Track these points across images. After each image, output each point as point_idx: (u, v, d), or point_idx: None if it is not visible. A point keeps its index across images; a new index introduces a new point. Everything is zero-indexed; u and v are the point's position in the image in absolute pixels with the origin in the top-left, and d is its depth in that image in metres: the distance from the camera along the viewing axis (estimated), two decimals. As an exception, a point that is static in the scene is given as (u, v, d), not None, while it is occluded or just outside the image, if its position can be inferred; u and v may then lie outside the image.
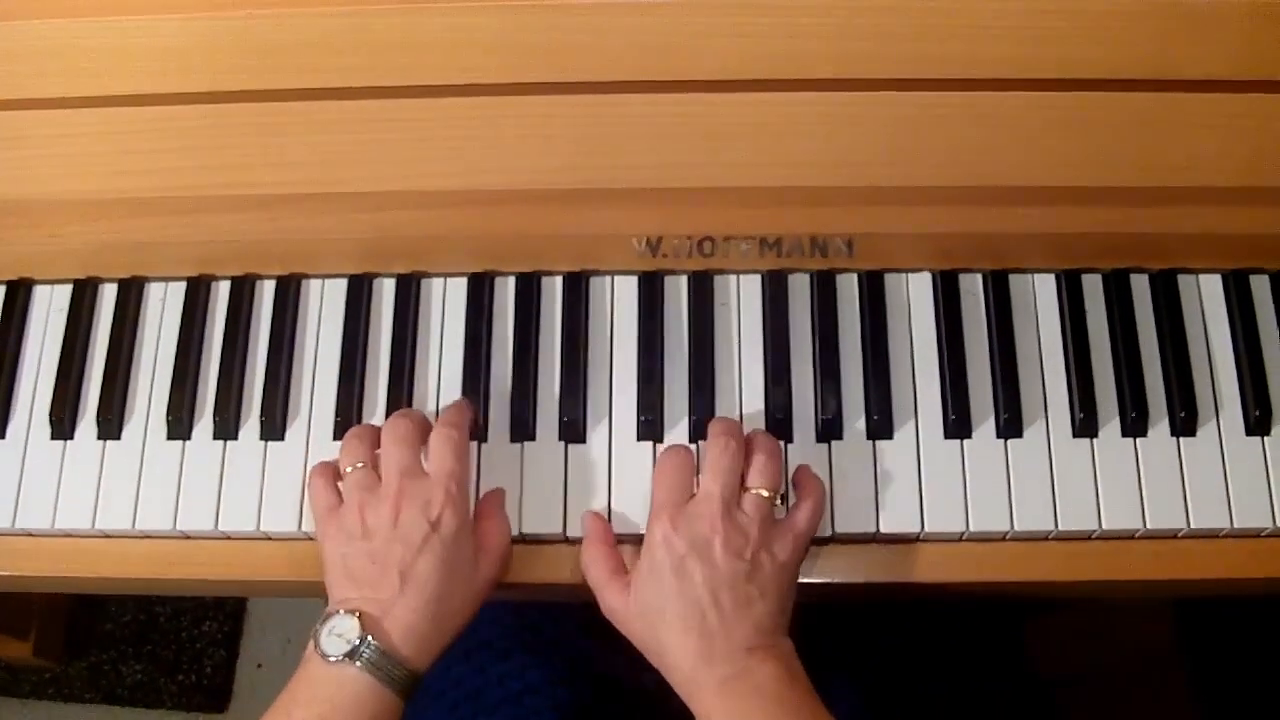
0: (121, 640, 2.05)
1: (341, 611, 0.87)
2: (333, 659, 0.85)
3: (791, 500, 0.95)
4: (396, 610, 0.88)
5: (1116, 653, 1.73)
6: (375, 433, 0.96)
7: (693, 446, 0.97)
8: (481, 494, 0.98)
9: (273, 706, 0.87)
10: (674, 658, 0.87)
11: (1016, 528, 0.96)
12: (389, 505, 0.90)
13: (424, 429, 0.95)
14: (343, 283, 1.06)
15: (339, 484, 0.95)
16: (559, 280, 1.05)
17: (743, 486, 0.91)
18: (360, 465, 0.94)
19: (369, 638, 0.86)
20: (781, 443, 0.98)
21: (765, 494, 0.91)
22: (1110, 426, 0.99)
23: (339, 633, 0.86)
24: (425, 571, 0.88)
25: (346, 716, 0.85)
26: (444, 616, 0.90)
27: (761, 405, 1.00)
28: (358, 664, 0.85)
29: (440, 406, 1.02)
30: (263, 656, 2.07)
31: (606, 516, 0.97)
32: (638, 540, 0.94)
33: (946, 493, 0.97)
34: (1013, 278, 1.03)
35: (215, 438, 1.02)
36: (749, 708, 0.85)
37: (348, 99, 0.97)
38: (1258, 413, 0.99)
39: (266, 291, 1.07)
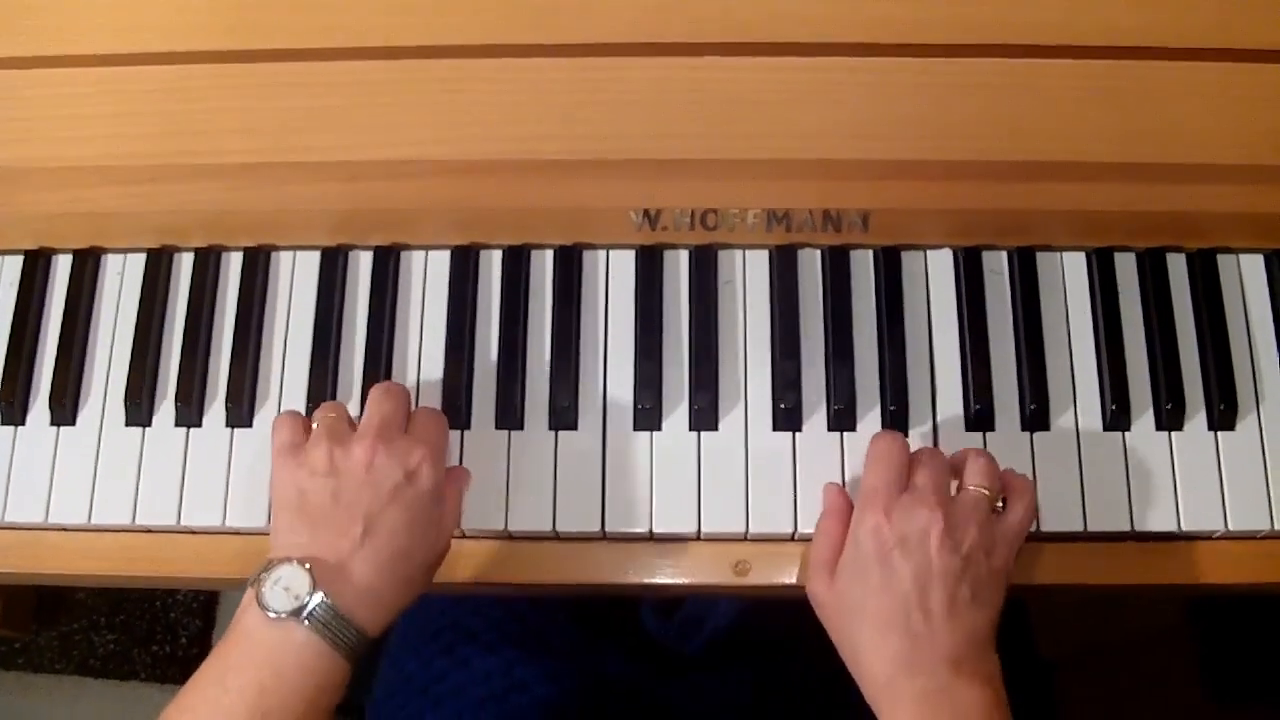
0: (93, 609, 2.01)
1: (293, 561, 0.78)
2: (276, 615, 0.77)
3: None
4: (355, 564, 0.79)
5: (1123, 630, 1.71)
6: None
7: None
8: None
9: (202, 669, 0.78)
10: (869, 661, 0.81)
11: (1043, 528, 0.91)
12: (364, 448, 0.82)
13: (409, 398, 0.89)
14: (316, 255, 1.01)
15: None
16: (549, 254, 1.00)
17: (960, 485, 0.85)
18: (335, 416, 0.86)
19: (321, 594, 0.77)
20: (790, 433, 0.94)
21: (986, 492, 0.85)
22: (1143, 419, 0.94)
23: (286, 585, 0.77)
24: (392, 524, 0.80)
25: (291, 685, 0.76)
26: (403, 580, 0.82)
27: (768, 391, 0.95)
28: (305, 623, 0.77)
29: (421, 390, 0.97)
30: (240, 626, 2.00)
31: (600, 514, 0.92)
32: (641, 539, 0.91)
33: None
34: (1040, 255, 0.98)
35: (178, 424, 0.97)
36: None
37: (319, 60, 0.93)
38: (1303, 405, 0.94)
39: (233, 264, 1.02)
